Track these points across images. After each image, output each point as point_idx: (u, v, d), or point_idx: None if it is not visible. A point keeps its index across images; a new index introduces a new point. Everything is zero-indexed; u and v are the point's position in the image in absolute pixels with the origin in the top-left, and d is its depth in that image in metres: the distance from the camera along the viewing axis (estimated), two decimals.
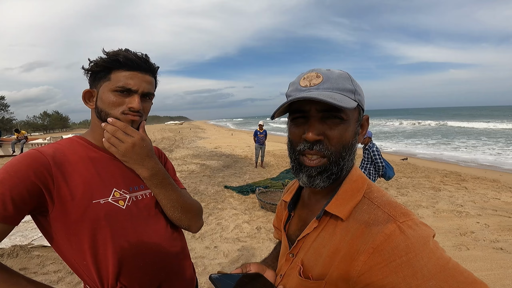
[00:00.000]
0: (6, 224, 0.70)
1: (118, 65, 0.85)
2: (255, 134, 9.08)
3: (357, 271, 0.53)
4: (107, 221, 0.80)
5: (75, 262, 0.81)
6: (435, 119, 44.77)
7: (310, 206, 0.72)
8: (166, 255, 0.92)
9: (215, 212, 4.96)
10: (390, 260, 0.49)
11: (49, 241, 0.81)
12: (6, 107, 57.46)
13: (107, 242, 0.80)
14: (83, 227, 0.78)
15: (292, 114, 0.65)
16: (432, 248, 0.50)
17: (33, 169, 0.73)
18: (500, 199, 5.61)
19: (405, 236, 0.51)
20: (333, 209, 0.61)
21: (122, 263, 0.82)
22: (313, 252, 0.63)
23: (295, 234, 0.72)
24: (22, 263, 3.12)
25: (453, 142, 17.38)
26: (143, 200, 0.91)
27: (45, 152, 0.78)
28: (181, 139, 21.30)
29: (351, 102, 0.59)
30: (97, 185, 0.82)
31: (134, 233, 0.85)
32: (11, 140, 13.01)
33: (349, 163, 0.64)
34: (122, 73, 0.85)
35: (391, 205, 0.57)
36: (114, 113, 0.85)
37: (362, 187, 0.64)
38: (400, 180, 7.17)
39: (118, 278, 0.82)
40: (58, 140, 0.90)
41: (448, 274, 0.47)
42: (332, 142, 0.60)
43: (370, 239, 0.53)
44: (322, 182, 0.62)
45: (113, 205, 0.83)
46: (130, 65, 0.86)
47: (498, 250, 3.51)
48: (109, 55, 0.86)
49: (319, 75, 0.62)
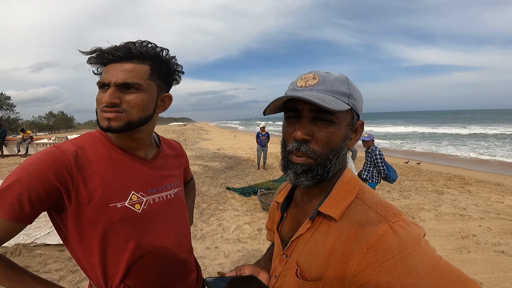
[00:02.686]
0: (21, 223, 0.70)
1: (98, 61, 0.80)
2: (257, 136, 9.11)
3: (352, 271, 0.54)
4: (121, 225, 0.80)
5: (83, 259, 0.81)
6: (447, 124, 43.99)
7: (303, 206, 0.72)
8: (173, 260, 0.92)
9: (217, 213, 4.97)
10: (384, 259, 0.50)
11: (60, 236, 0.82)
12: (12, 107, 58.00)
13: (118, 244, 0.80)
14: (96, 228, 0.78)
15: (286, 113, 0.66)
16: (423, 247, 0.51)
17: (53, 169, 0.71)
18: (503, 202, 5.57)
19: (397, 236, 0.51)
20: (326, 210, 0.62)
21: (130, 266, 0.82)
22: (308, 253, 0.63)
23: (288, 235, 0.73)
24: (24, 261, 3.15)
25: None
26: (159, 203, 0.90)
27: (67, 150, 0.76)
28: (184, 140, 21.36)
29: (341, 105, 0.59)
30: (116, 188, 0.81)
31: (145, 236, 0.85)
32: (17, 140, 13.12)
33: (336, 166, 0.64)
34: (104, 69, 0.81)
35: (383, 205, 0.58)
36: (98, 111, 0.80)
37: (355, 188, 0.64)
38: (403, 183, 7.13)
39: (124, 280, 0.82)
40: (81, 135, 0.87)
41: (440, 272, 0.48)
42: (319, 144, 0.61)
43: (363, 239, 0.54)
44: (307, 180, 0.63)
45: (129, 209, 0.82)
46: (107, 57, 0.79)
47: (499, 253, 3.49)
48: (86, 54, 0.80)
49: (315, 76, 0.63)
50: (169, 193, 0.95)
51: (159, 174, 0.94)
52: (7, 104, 57.15)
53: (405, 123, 51.43)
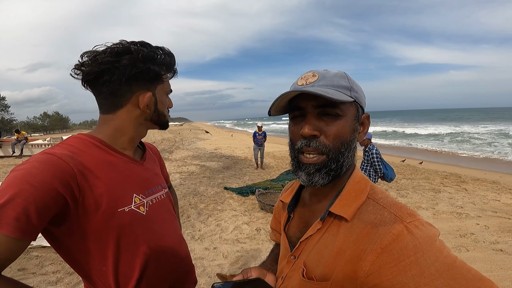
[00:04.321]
0: (26, 240, 0.64)
1: (167, 69, 0.90)
2: (254, 135, 9.14)
3: (365, 271, 0.53)
4: (131, 228, 0.79)
5: (90, 269, 0.77)
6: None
7: (311, 207, 0.71)
8: (178, 258, 0.93)
9: (215, 213, 4.95)
10: (399, 260, 0.50)
11: (57, 249, 0.76)
12: (6, 108, 57.52)
13: (131, 249, 0.80)
14: (108, 235, 0.76)
15: (292, 113, 0.66)
16: (439, 247, 0.50)
17: (59, 179, 0.66)
18: (500, 200, 5.61)
19: (413, 236, 0.51)
20: (338, 210, 0.61)
21: (144, 269, 0.82)
22: (316, 254, 0.63)
23: (296, 236, 0.72)
24: (21, 263, 3.11)
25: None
26: (158, 203, 0.91)
27: (65, 157, 0.71)
28: (181, 140, 21.30)
29: (345, 97, 0.60)
30: (120, 192, 0.79)
31: (153, 238, 0.85)
32: (11, 141, 12.99)
33: (349, 159, 0.64)
34: (166, 74, 0.91)
35: (397, 206, 0.58)
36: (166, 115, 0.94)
37: (365, 188, 0.64)
38: (400, 181, 7.16)
39: (138, 284, 0.81)
40: (67, 140, 0.81)
41: (456, 271, 0.47)
42: (329, 138, 0.61)
43: (377, 239, 0.53)
44: (321, 179, 0.62)
45: (136, 212, 0.82)
46: (172, 70, 0.94)
47: (498, 251, 3.51)
48: (166, 55, 0.88)
49: (315, 74, 0.63)
50: (161, 194, 0.96)
51: (150, 175, 0.94)
52: (2, 105, 56.67)
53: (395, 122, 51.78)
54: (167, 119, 0.94)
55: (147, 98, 0.84)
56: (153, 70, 0.84)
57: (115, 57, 0.77)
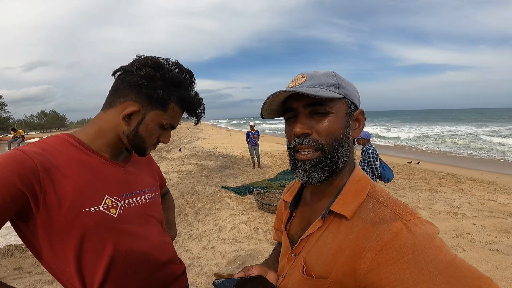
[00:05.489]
0: None
1: (181, 101, 0.86)
2: (247, 135, 9.16)
3: (364, 268, 0.54)
4: (97, 230, 0.77)
5: (57, 269, 0.77)
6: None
7: (312, 205, 0.72)
8: (155, 264, 0.90)
9: (213, 213, 4.95)
10: (398, 257, 0.50)
11: (28, 247, 0.77)
12: (3, 106, 57.22)
13: (95, 250, 0.78)
14: (70, 235, 0.74)
15: (285, 115, 0.68)
16: (438, 245, 0.51)
17: (19, 174, 0.66)
18: (496, 200, 5.64)
19: (412, 234, 0.51)
20: (338, 208, 0.62)
21: (109, 272, 0.80)
22: (316, 251, 0.64)
23: (297, 234, 0.73)
24: (16, 262, 3.10)
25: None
26: (135, 207, 0.88)
27: (31, 154, 0.70)
28: (179, 139, 21.26)
29: (331, 93, 0.61)
30: (88, 192, 0.77)
31: (123, 241, 0.82)
32: (8, 139, 12.93)
33: (344, 156, 0.65)
34: (177, 108, 0.86)
35: (397, 204, 0.58)
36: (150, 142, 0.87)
37: (366, 186, 0.64)
38: (397, 181, 7.18)
39: (103, 286, 0.80)
40: (45, 138, 0.81)
41: (455, 269, 0.47)
42: (321, 135, 0.62)
43: (377, 237, 0.54)
44: (317, 175, 0.63)
45: (105, 214, 0.79)
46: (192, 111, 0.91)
47: (494, 251, 3.53)
48: (192, 94, 0.88)
49: (304, 75, 0.66)
50: (144, 198, 0.93)
51: (132, 178, 0.92)
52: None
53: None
54: (144, 146, 0.87)
55: (130, 110, 0.80)
56: (159, 92, 0.80)
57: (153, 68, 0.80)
